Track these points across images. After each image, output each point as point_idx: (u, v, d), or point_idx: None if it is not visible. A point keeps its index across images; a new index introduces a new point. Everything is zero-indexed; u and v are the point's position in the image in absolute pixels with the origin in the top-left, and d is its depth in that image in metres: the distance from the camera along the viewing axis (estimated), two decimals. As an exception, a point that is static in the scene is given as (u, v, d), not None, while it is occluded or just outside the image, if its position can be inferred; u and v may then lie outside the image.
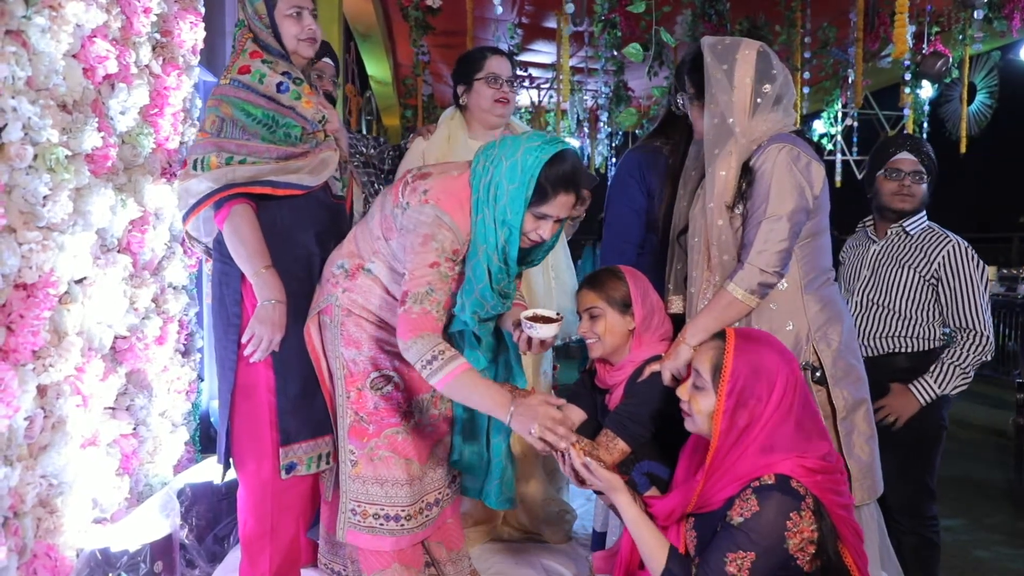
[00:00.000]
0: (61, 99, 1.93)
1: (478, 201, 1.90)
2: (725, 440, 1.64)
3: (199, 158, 2.08)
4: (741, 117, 1.98)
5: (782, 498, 1.56)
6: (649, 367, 2.02)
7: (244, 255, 2.09)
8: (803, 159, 1.95)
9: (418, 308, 1.84)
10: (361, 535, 2.07)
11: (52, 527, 1.92)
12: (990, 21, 4.83)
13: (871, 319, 2.65)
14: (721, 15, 4.87)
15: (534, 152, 1.85)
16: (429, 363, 1.79)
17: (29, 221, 1.81)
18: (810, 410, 1.70)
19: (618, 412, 2.02)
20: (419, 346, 1.80)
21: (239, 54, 2.17)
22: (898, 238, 2.67)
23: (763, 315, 2.00)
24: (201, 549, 2.51)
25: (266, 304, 2.08)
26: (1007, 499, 4.38)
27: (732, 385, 1.64)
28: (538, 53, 7.01)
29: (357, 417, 2.08)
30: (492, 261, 1.91)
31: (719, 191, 1.99)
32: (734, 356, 1.65)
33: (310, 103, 2.17)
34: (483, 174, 1.90)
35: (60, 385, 1.95)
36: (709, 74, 1.98)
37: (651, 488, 2.00)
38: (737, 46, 2.00)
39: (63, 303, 1.95)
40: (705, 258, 2.04)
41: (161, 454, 2.59)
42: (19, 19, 1.75)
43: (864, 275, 2.71)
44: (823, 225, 2.06)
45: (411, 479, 2.08)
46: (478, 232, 1.91)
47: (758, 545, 1.55)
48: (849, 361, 2.05)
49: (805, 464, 1.60)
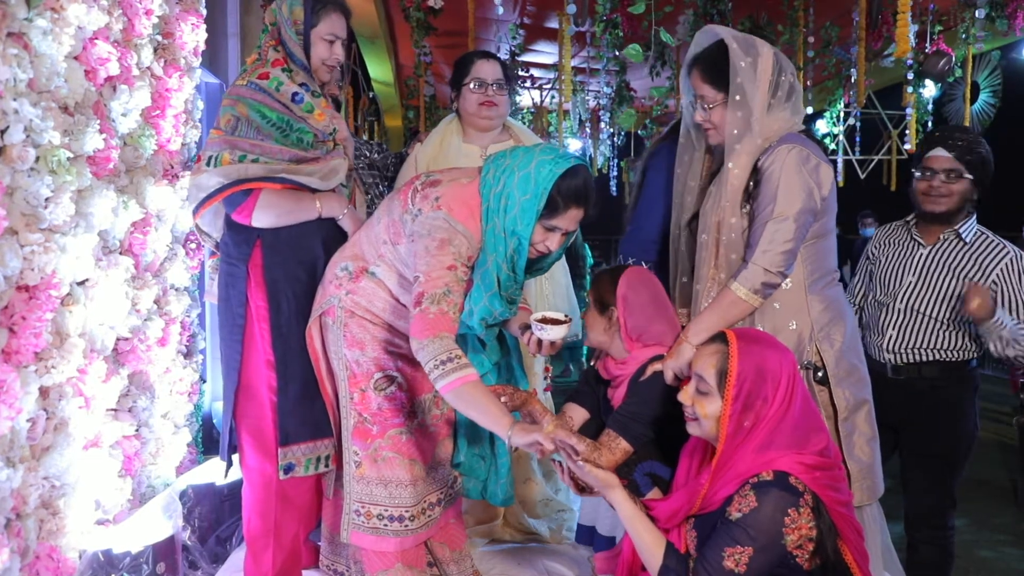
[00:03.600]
0: (63, 101, 1.93)
1: (488, 210, 1.92)
2: (732, 443, 1.64)
3: (213, 155, 2.11)
4: (760, 112, 1.96)
5: (780, 494, 1.57)
6: (651, 366, 2.01)
7: (295, 210, 2.16)
8: (812, 160, 1.94)
9: (435, 308, 1.84)
10: (365, 536, 2.07)
11: (55, 528, 1.92)
12: (993, 20, 4.82)
13: (916, 330, 2.47)
14: (723, 15, 4.86)
15: (548, 165, 1.87)
16: (442, 364, 1.78)
17: (31, 223, 1.81)
18: (808, 405, 1.70)
19: (620, 412, 2.02)
20: (435, 346, 1.80)
21: (264, 61, 2.21)
22: (950, 244, 2.48)
23: (766, 314, 1.99)
24: (204, 550, 2.51)
25: (342, 217, 2.23)
26: (1012, 499, 4.37)
27: (739, 389, 1.63)
28: (540, 54, 7.00)
29: (361, 418, 2.08)
30: (501, 269, 1.92)
31: (733, 189, 1.98)
32: (739, 360, 1.64)
33: (323, 116, 2.21)
34: (494, 184, 1.92)
35: (62, 387, 1.95)
36: (735, 64, 1.94)
37: (653, 488, 2.00)
38: (755, 41, 1.98)
39: (65, 305, 1.95)
40: (713, 255, 2.03)
41: (163, 455, 2.59)
42: (21, 21, 1.75)
43: (909, 280, 2.50)
44: (830, 227, 2.05)
45: (414, 479, 2.08)
46: (488, 241, 1.92)
47: (756, 540, 1.55)
48: (852, 362, 2.05)
49: (804, 461, 1.61)
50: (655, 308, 2.05)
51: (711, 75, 2.00)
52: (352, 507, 2.08)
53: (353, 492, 2.08)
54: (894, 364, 2.51)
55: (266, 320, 2.17)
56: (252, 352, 2.19)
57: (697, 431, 1.74)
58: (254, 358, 2.19)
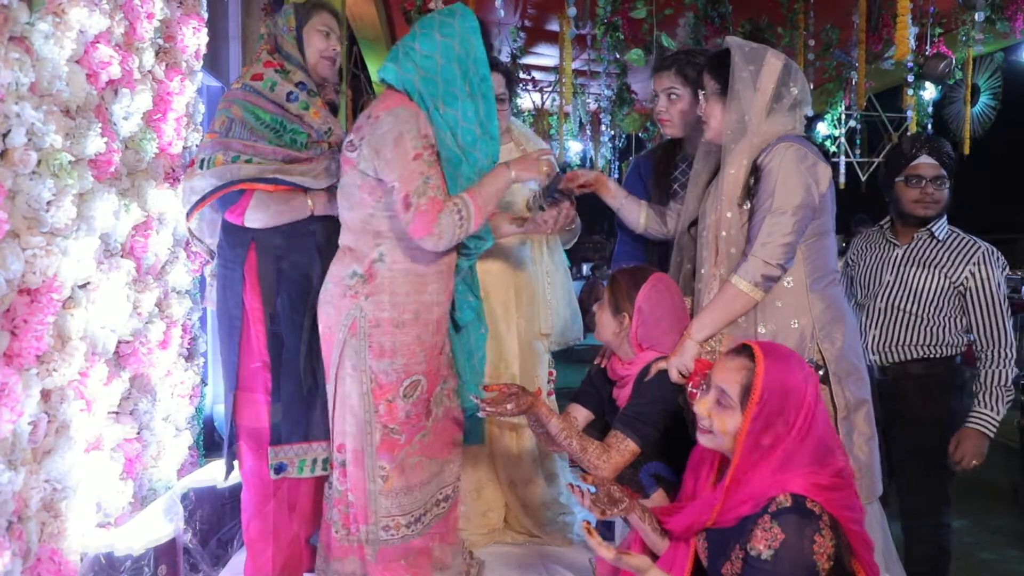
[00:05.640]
0: (64, 104, 1.94)
1: (423, 96, 2.01)
2: (748, 459, 1.61)
3: (206, 157, 2.13)
4: (757, 118, 2.01)
5: (801, 520, 1.53)
6: (656, 365, 2.01)
7: (287, 210, 2.17)
8: (810, 158, 1.98)
9: (424, 200, 1.93)
10: (391, 550, 2.07)
11: (56, 531, 1.92)
12: (993, 23, 4.82)
13: (897, 327, 2.53)
14: (723, 18, 4.87)
15: (461, 21, 2.04)
16: (460, 223, 1.95)
17: (33, 226, 1.81)
18: (828, 425, 1.67)
19: (626, 412, 2.01)
20: (444, 222, 1.93)
21: (254, 62, 2.23)
22: (923, 242, 2.56)
23: (769, 312, 2.00)
24: (205, 553, 2.51)
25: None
26: (1013, 501, 4.36)
27: (761, 408, 1.59)
28: (541, 56, 7.01)
29: (387, 431, 2.06)
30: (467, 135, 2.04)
31: (730, 186, 2.02)
32: (764, 378, 1.60)
33: (318, 114, 2.22)
34: (414, 72, 2.02)
35: (64, 389, 1.95)
36: (735, 73, 2.00)
37: (658, 490, 1.99)
38: (765, 53, 2.03)
39: (67, 308, 1.96)
40: (713, 252, 2.05)
41: (165, 458, 2.59)
42: (23, 25, 1.76)
43: (887, 280, 2.57)
44: (829, 226, 2.07)
45: (432, 476, 2.13)
46: (437, 122, 2.02)
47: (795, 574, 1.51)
48: (852, 361, 2.06)
49: (819, 482, 1.57)
50: (671, 321, 2.05)
51: (712, 65, 2.07)
52: (380, 524, 2.06)
53: (380, 510, 2.06)
54: (880, 364, 2.55)
55: (261, 322, 2.18)
56: (248, 354, 2.20)
57: (710, 443, 1.70)
58: (250, 360, 2.20)
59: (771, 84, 2.01)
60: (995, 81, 6.50)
